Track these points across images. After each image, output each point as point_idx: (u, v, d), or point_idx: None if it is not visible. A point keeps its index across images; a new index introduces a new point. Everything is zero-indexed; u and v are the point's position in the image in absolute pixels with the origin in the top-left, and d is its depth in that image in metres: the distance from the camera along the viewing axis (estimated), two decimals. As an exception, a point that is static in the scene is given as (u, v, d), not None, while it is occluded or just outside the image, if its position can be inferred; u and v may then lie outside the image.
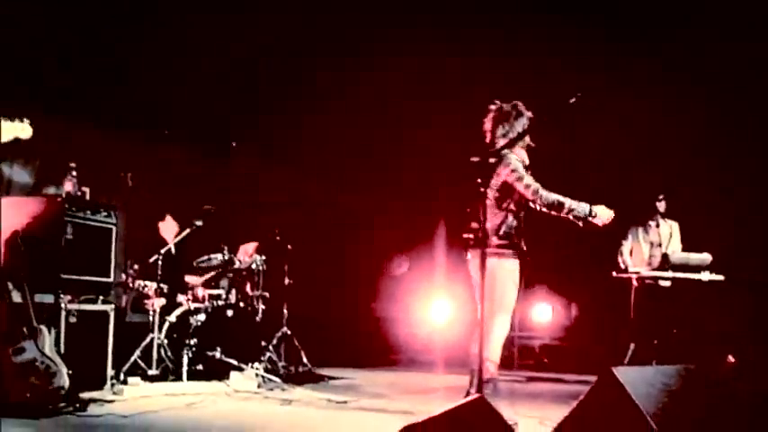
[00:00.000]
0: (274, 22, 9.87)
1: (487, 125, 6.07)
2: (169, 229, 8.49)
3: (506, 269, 5.80)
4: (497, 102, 6.08)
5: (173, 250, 8.26)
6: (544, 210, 5.95)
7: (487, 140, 6.03)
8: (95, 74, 9.02)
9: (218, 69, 9.96)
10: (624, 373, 4.27)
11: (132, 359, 7.41)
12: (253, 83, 10.49)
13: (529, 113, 6.00)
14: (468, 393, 6.00)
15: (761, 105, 9.89)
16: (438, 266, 12.11)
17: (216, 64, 9.89)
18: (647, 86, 10.32)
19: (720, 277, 8.47)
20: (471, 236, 5.96)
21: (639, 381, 4.32)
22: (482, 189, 5.42)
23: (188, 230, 8.29)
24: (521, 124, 5.95)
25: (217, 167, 10.67)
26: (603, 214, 6.12)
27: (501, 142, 5.91)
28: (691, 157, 10.56)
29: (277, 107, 10.79)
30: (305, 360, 9.02)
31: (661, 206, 9.20)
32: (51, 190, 7.19)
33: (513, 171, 5.81)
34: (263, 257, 8.97)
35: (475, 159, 5.74)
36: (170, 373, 7.61)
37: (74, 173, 6.98)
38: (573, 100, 5.30)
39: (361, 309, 12.90)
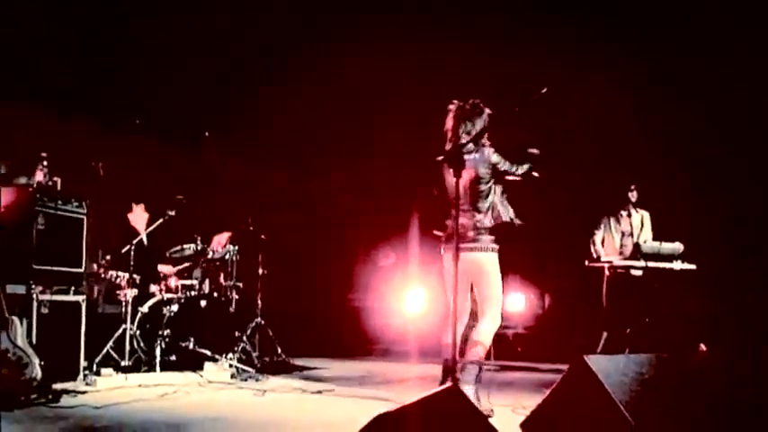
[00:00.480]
0: (248, 12, 9.82)
1: (449, 124, 6.21)
2: (139, 219, 8.45)
3: (495, 262, 6.13)
4: (456, 101, 6.21)
5: (145, 240, 8.22)
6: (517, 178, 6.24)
7: (449, 139, 6.18)
8: (66, 63, 8.95)
9: (189, 59, 9.90)
10: (596, 362, 4.31)
11: (105, 350, 7.38)
12: (224, 72, 10.43)
13: (488, 110, 6.14)
14: (442, 382, 6.06)
15: (730, 94, 9.98)
16: (412, 257, 12.12)
17: (187, 53, 9.83)
18: (618, 77, 10.37)
19: (692, 266, 8.54)
20: (446, 233, 6.10)
21: (612, 369, 4.36)
22: (456, 185, 5.50)
23: (160, 220, 8.24)
24: (482, 121, 6.10)
25: (189, 157, 10.62)
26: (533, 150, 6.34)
27: (465, 139, 6.02)
28: (662, 146, 10.62)
29: (250, 95, 10.75)
30: (279, 350, 9.01)
31: (632, 196, 9.24)
32: (22, 180, 7.13)
33: (496, 161, 6.09)
34: (237, 247, 8.94)
35: (440, 158, 6.05)
36: (143, 363, 7.57)
37: (45, 163, 6.93)
38: (543, 91, 5.33)
39: (336, 299, 12.90)
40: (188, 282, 8.45)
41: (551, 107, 8.61)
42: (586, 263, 9.09)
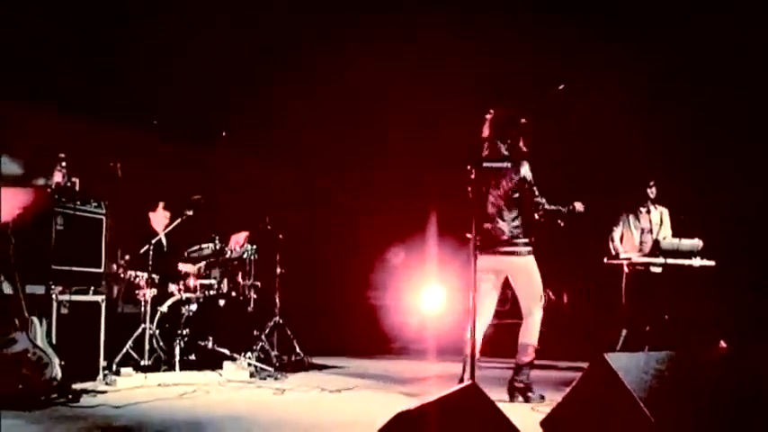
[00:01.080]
0: (263, 11, 9.83)
1: (486, 132, 6.52)
2: (160, 219, 8.49)
3: (534, 264, 6.67)
4: (493, 110, 6.50)
5: (164, 241, 8.25)
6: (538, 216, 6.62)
7: (487, 147, 6.51)
8: (84, 65, 8.99)
9: (205, 59, 9.93)
10: (616, 359, 4.28)
11: (124, 350, 7.40)
12: (242, 72, 10.45)
13: (523, 120, 6.49)
14: (461, 380, 6.09)
15: (749, 91, 9.91)
16: (430, 255, 12.10)
17: (203, 54, 9.85)
18: (637, 73, 10.33)
19: (711, 263, 8.49)
20: (478, 236, 6.31)
21: (631, 367, 4.33)
22: (498, 192, 6.33)
23: (178, 220, 8.27)
24: (518, 132, 6.48)
25: (206, 157, 10.64)
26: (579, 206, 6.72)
27: (504, 149, 6.46)
28: (681, 143, 10.57)
29: (266, 95, 10.77)
30: (297, 349, 9.02)
31: (652, 192, 9.20)
32: (41, 181, 7.17)
33: (529, 180, 6.49)
34: (255, 247, 8.95)
35: (488, 165, 6.39)
36: (162, 363, 7.59)
37: (63, 164, 6.97)
38: (561, 87, 5.34)
39: (354, 297, 12.90)
40: (206, 281, 8.47)
41: (569, 104, 8.62)
42: (605, 260, 9.05)
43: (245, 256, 8.87)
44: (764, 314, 9.42)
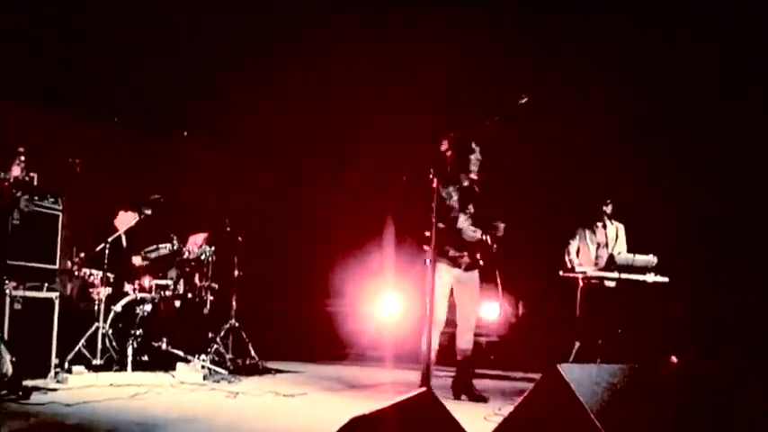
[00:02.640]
0: (224, 8, 9.82)
1: (448, 153, 6.81)
2: (125, 220, 8.39)
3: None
4: (452, 134, 6.75)
5: (123, 240, 8.18)
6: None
7: (449, 165, 7.06)
8: (45, 59, 8.91)
9: (166, 56, 9.88)
10: (569, 371, 4.32)
11: (77, 348, 7.32)
12: (203, 69, 10.40)
13: (477, 149, 7.25)
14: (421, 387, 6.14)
15: (707, 106, 10.08)
16: (387, 262, 12.12)
17: (164, 51, 9.80)
18: (592, 88, 10.47)
19: (665, 279, 8.61)
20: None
21: (584, 378, 4.37)
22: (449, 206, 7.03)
23: (136, 219, 8.20)
24: (475, 157, 7.28)
25: (167, 157, 10.58)
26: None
27: (468, 169, 7.26)
28: (637, 159, 10.69)
29: (229, 94, 10.73)
30: (252, 353, 8.98)
31: (608, 208, 9.31)
32: (-1, 174, 7.08)
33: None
34: (213, 248, 8.90)
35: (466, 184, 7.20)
36: (115, 362, 7.52)
37: (22, 158, 6.88)
38: (523, 101, 5.38)
39: (311, 302, 12.87)
40: (162, 282, 8.40)
41: (529, 117, 8.70)
42: (561, 273, 9.13)
43: (202, 257, 8.81)
44: (716, 329, 9.57)
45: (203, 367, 7.83)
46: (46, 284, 7.03)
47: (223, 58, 10.50)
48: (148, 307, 7.91)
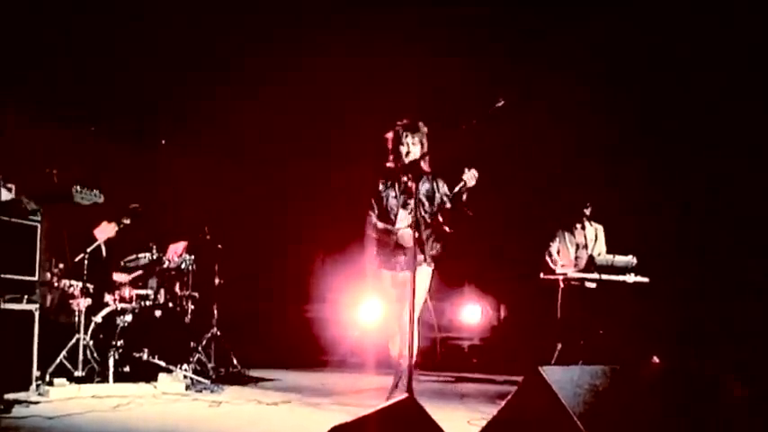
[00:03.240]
0: (206, 8, 9.81)
1: (391, 143, 6.64)
2: (105, 231, 8.34)
3: None
4: (401, 120, 6.59)
5: (103, 250, 8.13)
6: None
7: (391, 156, 6.64)
8: (21, 68, 8.85)
9: (144, 63, 9.85)
10: (551, 373, 4.33)
11: (58, 360, 7.26)
12: (181, 76, 10.38)
13: (425, 129, 6.56)
14: (391, 394, 6.12)
15: (684, 109, 10.16)
16: (368, 267, 12.10)
17: (142, 58, 9.78)
18: (571, 90, 10.53)
19: (645, 279, 8.66)
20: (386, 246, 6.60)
21: (566, 380, 4.39)
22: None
23: (116, 229, 8.16)
24: (423, 142, 6.57)
25: (145, 166, 10.54)
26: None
27: (409, 159, 6.54)
28: (616, 160, 10.76)
29: (207, 102, 10.71)
30: (234, 361, 8.96)
31: (587, 210, 9.36)
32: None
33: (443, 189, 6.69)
34: (193, 257, 8.86)
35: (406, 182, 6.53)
36: (96, 374, 7.46)
37: (-4, 169, 6.84)
38: (499, 104, 5.38)
39: (292, 310, 12.85)
40: (143, 291, 8.35)
41: (507, 120, 8.72)
42: (541, 275, 9.17)
43: (182, 266, 8.77)
44: (696, 330, 9.63)
45: (185, 377, 7.79)
46: (25, 296, 6.98)
47: (200, 60, 10.46)
48: (129, 317, 7.86)
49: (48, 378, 7.00)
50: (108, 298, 8.05)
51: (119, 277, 8.35)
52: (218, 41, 10.39)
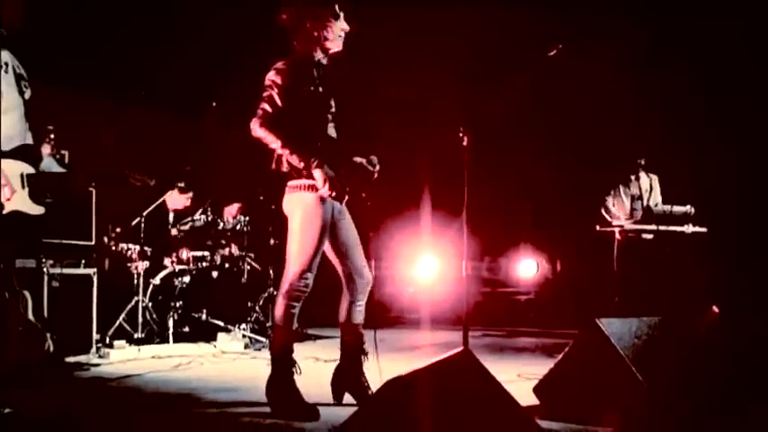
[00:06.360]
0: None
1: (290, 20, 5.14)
2: (178, 201, 8.42)
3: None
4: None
5: (170, 217, 8.22)
6: None
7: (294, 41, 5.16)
8: (71, 37, 8.91)
9: (194, 29, 9.86)
10: (608, 325, 4.30)
11: (117, 323, 7.39)
12: (230, 42, 10.36)
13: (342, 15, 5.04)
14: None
15: (739, 60, 9.91)
16: (424, 226, 12.10)
17: (191, 24, 9.78)
18: (627, 42, 10.32)
19: (703, 229, 8.51)
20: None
21: (624, 332, 4.35)
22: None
23: (189, 200, 8.26)
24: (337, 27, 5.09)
25: (197, 128, 10.58)
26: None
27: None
28: (670, 109, 10.55)
29: (254, 64, 10.69)
30: (291, 319, 9.01)
31: (642, 161, 9.22)
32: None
33: None
34: (247, 218, 8.91)
35: None
36: (156, 335, 7.59)
37: (52, 136, 6.90)
38: (553, 52, 5.27)
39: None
40: (199, 253, 8.44)
41: (560, 73, 8.57)
42: (597, 227, 9.06)
43: (237, 227, 8.83)
44: (755, 280, 9.46)
45: (244, 336, 7.89)
46: (83, 261, 7.09)
47: (247, 30, 10.44)
48: (187, 279, 7.97)
49: (108, 341, 7.12)
50: (165, 260, 8.15)
51: (173, 231, 8.43)
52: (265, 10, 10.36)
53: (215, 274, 8.31)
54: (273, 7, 5.11)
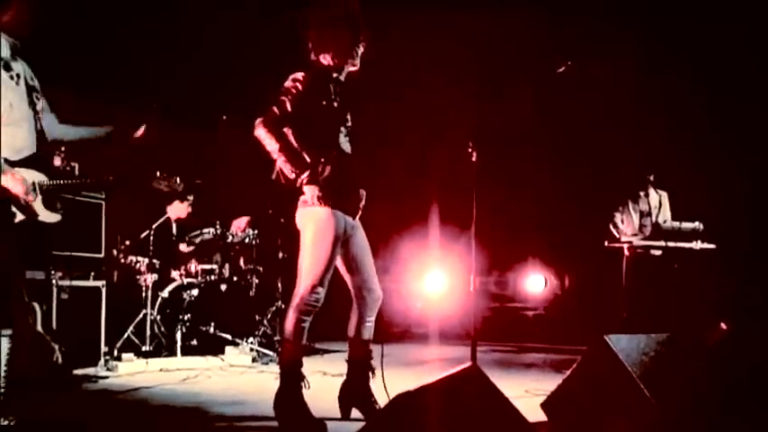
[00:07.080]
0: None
1: (310, 29, 5.21)
2: (178, 210, 8.45)
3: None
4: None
5: (173, 228, 8.24)
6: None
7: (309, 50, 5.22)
8: (81, 46, 8.96)
9: (204, 41, 9.90)
10: (617, 341, 4.29)
11: (125, 335, 7.41)
12: (242, 54, 10.41)
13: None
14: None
15: (747, 74, 9.89)
16: (432, 240, 12.10)
17: (203, 35, 9.83)
18: (634, 58, 10.32)
19: (712, 246, 8.49)
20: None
21: (632, 348, 4.34)
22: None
23: (189, 209, 8.30)
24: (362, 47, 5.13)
25: (207, 141, 10.62)
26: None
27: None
28: (680, 126, 10.54)
29: (265, 77, 10.73)
30: (299, 333, 9.01)
31: (651, 177, 9.22)
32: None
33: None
34: (256, 231, 8.93)
35: None
36: (164, 348, 7.60)
37: (62, 147, 6.94)
38: (562, 69, 5.29)
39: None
40: (208, 266, 8.47)
41: (570, 87, 8.58)
42: (606, 243, 9.05)
43: (246, 240, 8.85)
44: (764, 297, 9.42)
45: (252, 350, 7.89)
46: (92, 273, 7.11)
47: (258, 41, 10.48)
48: (195, 292, 7.98)
49: (116, 353, 7.13)
50: (174, 273, 8.17)
51: (182, 247, 8.46)
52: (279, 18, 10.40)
53: (223, 287, 8.33)
54: (299, 22, 5.25)
